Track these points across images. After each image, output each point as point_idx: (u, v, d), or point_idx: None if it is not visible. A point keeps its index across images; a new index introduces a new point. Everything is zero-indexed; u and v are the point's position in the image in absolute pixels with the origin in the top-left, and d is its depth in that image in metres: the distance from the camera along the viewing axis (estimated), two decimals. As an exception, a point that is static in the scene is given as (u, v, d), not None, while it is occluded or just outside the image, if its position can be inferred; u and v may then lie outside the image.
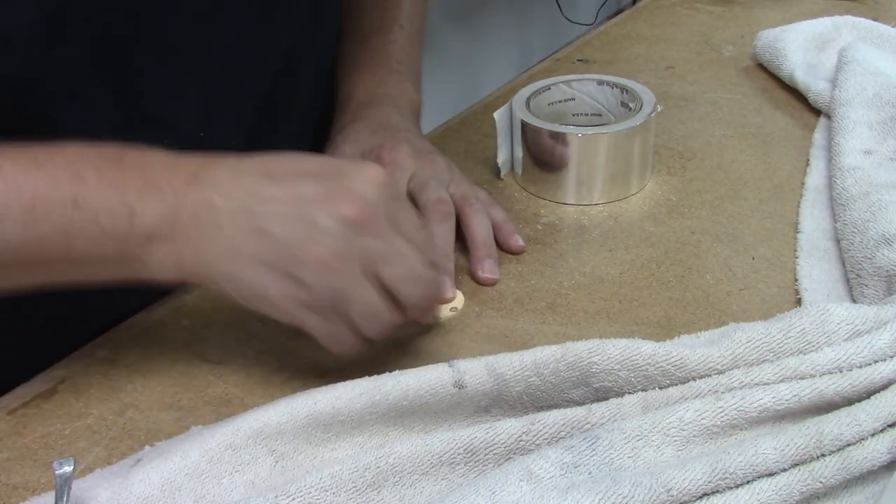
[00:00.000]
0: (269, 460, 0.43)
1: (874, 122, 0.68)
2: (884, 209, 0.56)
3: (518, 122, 0.66)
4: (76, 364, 0.52)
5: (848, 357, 0.42)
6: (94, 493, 0.41)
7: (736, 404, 0.41)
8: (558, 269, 0.59)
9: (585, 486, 0.38)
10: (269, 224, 0.43)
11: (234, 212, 0.43)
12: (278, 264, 0.43)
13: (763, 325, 0.45)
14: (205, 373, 0.51)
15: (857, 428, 0.40)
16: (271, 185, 0.44)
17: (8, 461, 0.46)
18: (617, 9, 3.16)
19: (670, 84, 0.86)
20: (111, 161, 0.44)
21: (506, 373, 0.44)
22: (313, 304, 0.44)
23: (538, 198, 0.67)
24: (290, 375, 0.51)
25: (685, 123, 0.78)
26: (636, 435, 0.41)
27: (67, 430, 0.47)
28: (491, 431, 0.42)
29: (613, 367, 0.44)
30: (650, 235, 0.62)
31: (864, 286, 0.53)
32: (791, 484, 0.39)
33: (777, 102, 0.81)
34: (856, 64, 0.75)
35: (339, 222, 0.43)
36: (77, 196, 0.42)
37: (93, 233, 0.43)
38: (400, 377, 0.44)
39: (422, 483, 0.42)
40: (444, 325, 0.54)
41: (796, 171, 0.69)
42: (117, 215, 0.43)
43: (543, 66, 0.93)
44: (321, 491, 0.40)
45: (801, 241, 0.60)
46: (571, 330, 0.53)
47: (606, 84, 0.71)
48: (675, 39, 0.98)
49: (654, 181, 0.69)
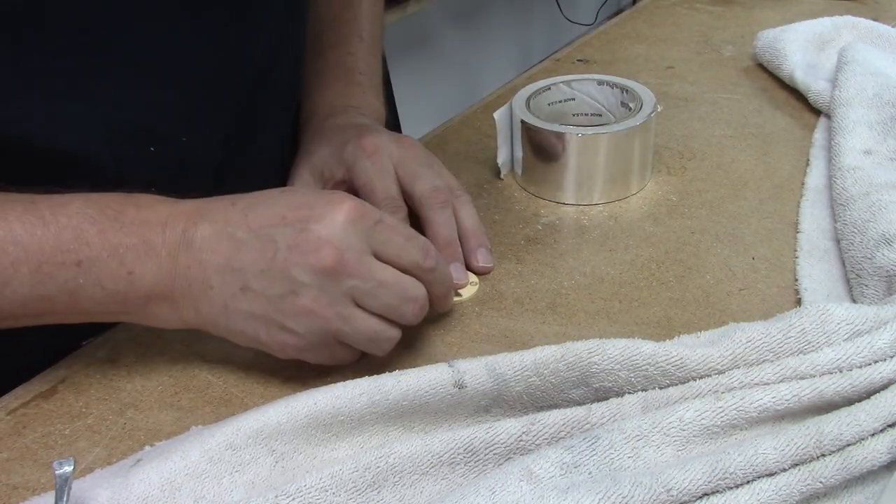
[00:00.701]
0: (269, 460, 0.43)
1: (874, 122, 0.68)
2: (884, 209, 0.56)
3: (518, 122, 0.66)
4: (76, 364, 0.52)
5: (848, 357, 0.42)
6: (94, 493, 0.41)
7: (736, 404, 0.41)
8: (558, 269, 0.59)
9: (585, 486, 0.38)
10: (251, 281, 0.46)
11: (221, 271, 0.46)
12: (268, 318, 0.46)
13: (763, 325, 0.45)
14: (205, 373, 0.51)
15: (857, 428, 0.40)
16: (251, 240, 0.46)
17: (8, 461, 0.46)
18: (617, 9, 3.16)
19: (670, 84, 0.86)
20: (112, 220, 0.46)
21: (506, 373, 0.44)
22: (308, 348, 0.47)
23: (538, 198, 0.67)
24: (290, 375, 0.51)
25: (685, 123, 0.78)
26: (636, 435, 0.41)
27: (67, 430, 0.47)
28: (491, 431, 0.42)
29: (613, 367, 0.44)
30: (650, 235, 0.62)
31: (864, 286, 0.53)
32: (791, 484, 0.39)
33: (777, 102, 0.81)
34: (856, 64, 0.75)
35: (314, 274, 0.45)
36: (81, 259, 0.45)
37: (96, 293, 0.46)
38: (400, 377, 0.44)
39: (422, 483, 0.42)
40: (444, 325, 0.54)
41: (796, 171, 0.69)
42: (118, 279, 0.46)
43: (543, 66, 0.93)
44: (321, 491, 0.40)
45: (801, 241, 0.60)
46: (571, 330, 0.53)
47: (606, 84, 0.71)
48: (675, 39, 0.98)
49: (654, 181, 0.69)
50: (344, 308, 0.46)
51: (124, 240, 0.46)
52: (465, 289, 0.57)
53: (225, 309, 0.47)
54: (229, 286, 0.46)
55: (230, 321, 0.47)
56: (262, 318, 0.46)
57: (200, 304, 0.47)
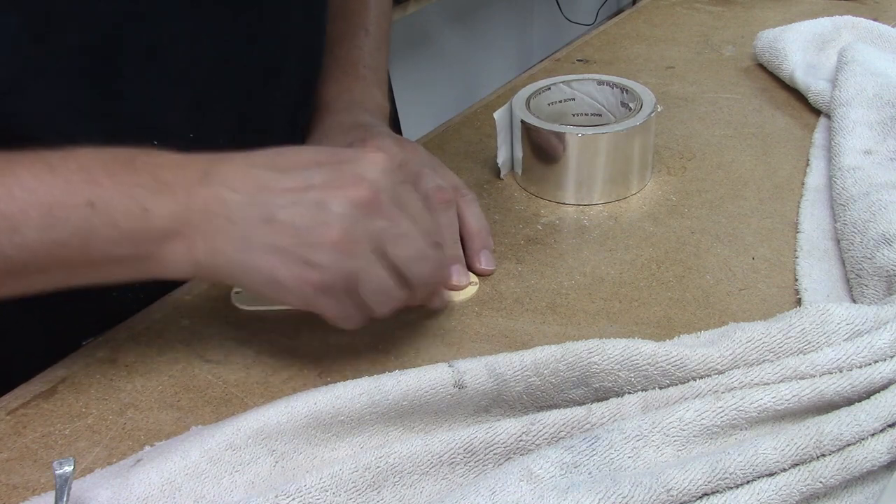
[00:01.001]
0: (269, 460, 0.43)
1: (874, 122, 0.68)
2: (884, 209, 0.56)
3: (518, 122, 0.66)
4: (76, 364, 0.52)
5: (848, 357, 0.42)
6: (94, 493, 0.41)
7: (736, 404, 0.41)
8: (558, 269, 0.59)
9: (585, 486, 0.38)
10: (279, 212, 0.44)
11: (244, 204, 0.45)
12: (291, 250, 0.45)
13: (763, 325, 0.45)
14: (205, 373, 0.51)
15: (857, 428, 0.40)
16: (280, 177, 0.45)
17: (8, 461, 0.46)
18: (617, 9, 3.16)
19: (670, 84, 0.86)
20: (123, 164, 0.45)
21: (506, 373, 0.44)
22: (326, 286, 0.45)
23: (538, 198, 0.67)
24: (290, 375, 0.51)
25: (685, 123, 0.78)
26: (636, 435, 0.41)
27: (67, 430, 0.47)
28: (491, 431, 0.42)
29: (613, 367, 0.44)
30: (650, 235, 0.62)
31: (864, 286, 0.53)
32: (791, 484, 0.39)
33: (777, 102, 0.81)
34: (856, 64, 0.75)
35: (349, 205, 0.44)
36: (92, 199, 0.43)
37: (109, 234, 0.44)
38: (400, 377, 0.44)
39: (422, 483, 0.42)
40: (444, 325, 0.54)
41: (796, 171, 0.69)
42: (132, 216, 0.44)
43: (543, 66, 0.93)
44: (321, 491, 0.40)
45: (801, 241, 0.60)
46: (571, 330, 0.53)
47: (606, 84, 0.71)
48: (675, 39, 0.98)
49: (654, 181, 0.69)
50: (366, 250, 0.45)
51: (138, 179, 0.44)
52: (465, 289, 0.57)
53: (244, 242, 0.45)
54: (252, 218, 0.44)
55: (248, 256, 0.45)
56: (284, 251, 0.45)
57: (217, 239, 0.45)
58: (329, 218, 0.44)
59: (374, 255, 0.46)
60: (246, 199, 0.45)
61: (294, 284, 0.45)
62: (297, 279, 0.45)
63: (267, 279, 0.45)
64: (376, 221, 0.45)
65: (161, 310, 0.56)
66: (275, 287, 0.46)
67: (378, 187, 0.45)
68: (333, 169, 0.46)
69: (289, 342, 0.53)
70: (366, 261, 0.45)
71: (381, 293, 0.47)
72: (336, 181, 0.45)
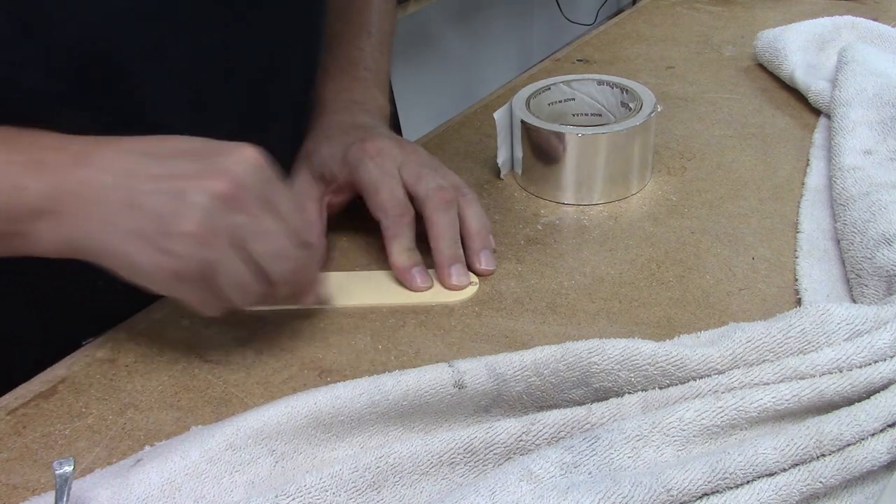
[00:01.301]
0: (268, 460, 0.43)
1: (874, 122, 0.68)
2: (884, 209, 0.56)
3: (518, 122, 0.66)
4: (76, 364, 0.52)
5: (848, 357, 0.42)
6: (94, 493, 0.41)
7: (736, 404, 0.41)
8: (558, 269, 0.59)
9: (585, 486, 0.38)
10: (142, 199, 0.45)
11: (111, 187, 0.45)
12: (151, 237, 0.45)
13: (763, 325, 0.45)
14: (205, 373, 0.51)
15: (857, 428, 0.40)
16: (150, 163, 0.46)
17: (8, 461, 0.46)
18: (617, 9, 3.17)
19: (670, 84, 0.86)
20: (4, 141, 0.46)
21: (506, 373, 0.44)
22: (182, 274, 0.46)
23: (538, 198, 0.67)
24: (290, 375, 0.51)
25: (685, 123, 0.78)
26: (636, 435, 0.41)
27: (67, 430, 0.47)
28: (491, 431, 0.42)
29: (613, 367, 0.44)
30: (650, 235, 0.62)
31: (864, 286, 0.53)
32: (791, 484, 0.39)
33: (777, 102, 0.81)
34: (856, 64, 0.75)
35: (208, 197, 0.45)
36: None
37: None
38: (400, 377, 0.44)
39: (422, 483, 0.42)
40: (444, 326, 0.54)
41: (796, 171, 0.69)
42: (4, 193, 0.45)
43: (543, 66, 0.93)
44: (321, 491, 0.40)
45: (801, 241, 0.60)
46: (571, 330, 0.53)
47: (606, 84, 0.71)
48: (675, 39, 0.98)
49: (654, 181, 0.69)
50: (223, 243, 0.46)
51: (14, 157, 0.45)
52: (465, 289, 0.57)
53: (108, 225, 0.45)
54: (117, 202, 0.45)
55: (111, 239, 0.46)
56: (143, 236, 0.45)
57: (84, 220, 0.46)
58: (187, 209, 0.45)
59: (232, 248, 0.46)
60: (114, 183, 0.45)
61: (152, 270, 0.46)
62: (155, 265, 0.46)
63: (126, 263, 0.46)
64: (236, 216, 0.46)
65: (161, 310, 0.56)
66: (134, 271, 0.47)
67: (241, 182, 0.46)
68: (203, 160, 0.46)
69: (289, 342, 0.53)
70: (223, 253, 0.46)
71: (238, 286, 0.47)
72: (202, 173, 0.46)
